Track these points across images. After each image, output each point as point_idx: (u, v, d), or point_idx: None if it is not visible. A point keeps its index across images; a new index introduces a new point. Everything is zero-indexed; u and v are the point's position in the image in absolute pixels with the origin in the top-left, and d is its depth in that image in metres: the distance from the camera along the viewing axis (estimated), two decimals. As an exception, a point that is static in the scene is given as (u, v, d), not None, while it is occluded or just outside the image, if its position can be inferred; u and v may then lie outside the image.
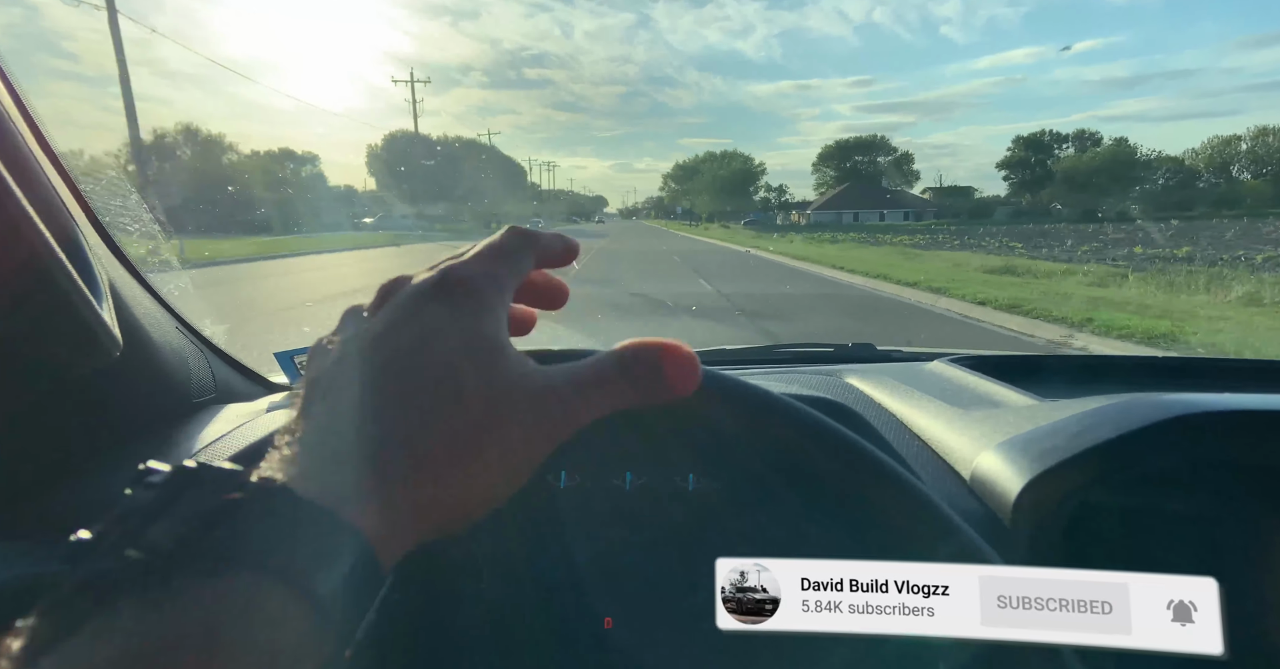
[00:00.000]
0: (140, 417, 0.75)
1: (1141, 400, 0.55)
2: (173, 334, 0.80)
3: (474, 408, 0.28)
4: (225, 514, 0.23)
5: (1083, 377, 1.04)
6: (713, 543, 0.66)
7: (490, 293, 0.32)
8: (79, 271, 0.52)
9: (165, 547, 0.22)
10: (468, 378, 0.29)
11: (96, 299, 0.54)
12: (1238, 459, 0.53)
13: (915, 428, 0.73)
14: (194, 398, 0.82)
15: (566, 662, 0.63)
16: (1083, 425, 0.55)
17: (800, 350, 1.23)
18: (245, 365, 0.96)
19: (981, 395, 0.80)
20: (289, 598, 0.22)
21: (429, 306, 0.30)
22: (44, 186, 0.58)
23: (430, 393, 0.28)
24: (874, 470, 0.30)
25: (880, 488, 0.30)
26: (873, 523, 0.38)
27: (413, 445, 0.27)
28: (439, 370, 0.29)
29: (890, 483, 0.30)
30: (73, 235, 0.59)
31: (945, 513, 0.30)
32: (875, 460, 0.31)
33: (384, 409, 0.28)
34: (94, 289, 0.55)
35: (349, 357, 0.30)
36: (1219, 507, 0.54)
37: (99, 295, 0.55)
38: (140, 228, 0.76)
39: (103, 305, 0.55)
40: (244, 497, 0.24)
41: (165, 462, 0.24)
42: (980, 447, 0.63)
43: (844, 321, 7.75)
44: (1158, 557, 0.56)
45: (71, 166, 0.68)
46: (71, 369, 0.56)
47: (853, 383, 0.89)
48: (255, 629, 0.21)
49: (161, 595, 0.21)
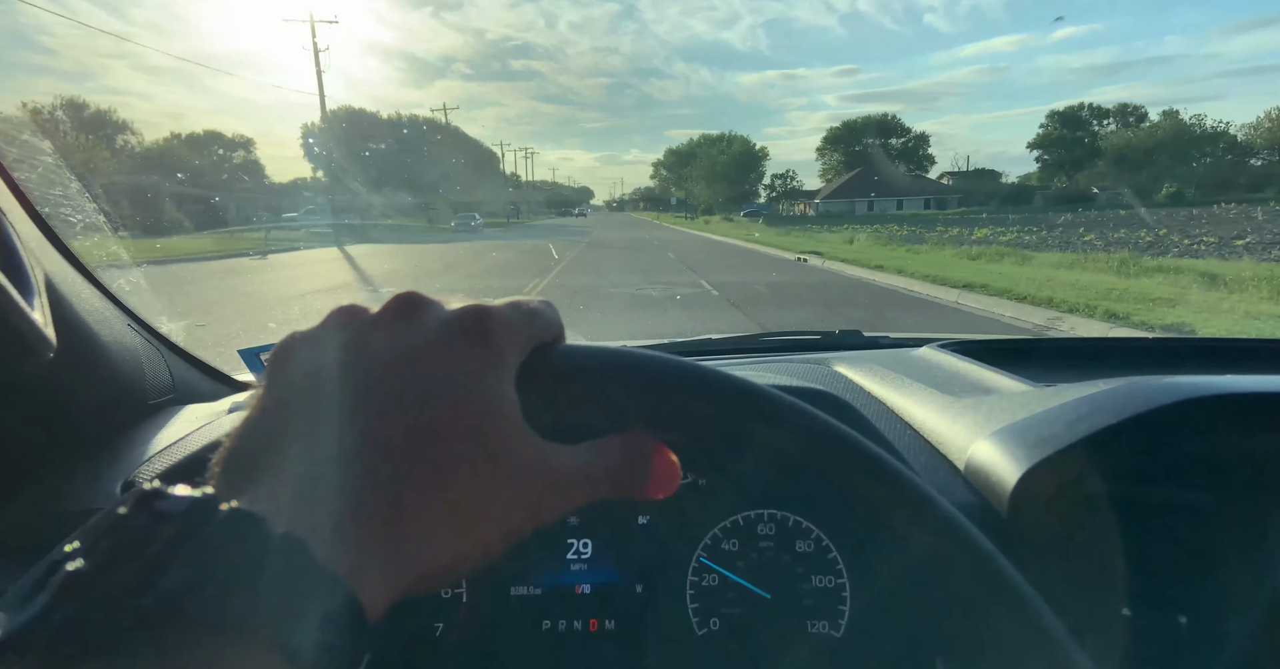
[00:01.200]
0: (92, 421, 0.70)
1: (1140, 384, 0.54)
2: (124, 332, 0.75)
3: (483, 473, 0.26)
4: (234, 563, 0.20)
5: (1075, 360, 1.03)
6: (694, 540, 0.64)
7: (520, 348, 0.30)
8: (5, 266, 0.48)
9: (176, 598, 0.19)
10: (485, 440, 0.27)
11: (26, 296, 0.50)
12: (1239, 445, 0.51)
13: (906, 416, 0.71)
14: (150, 399, 0.78)
15: (547, 662, 0.62)
16: (1079, 412, 0.53)
17: (787, 339, 1.21)
18: (206, 363, 0.92)
19: (973, 382, 0.79)
20: (275, 661, 0.20)
21: (459, 344, 0.28)
22: None
23: (443, 443, 0.26)
24: (870, 467, 0.30)
25: (877, 485, 0.29)
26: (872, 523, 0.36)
27: (409, 492, 0.25)
28: (455, 420, 0.26)
29: (889, 481, 0.30)
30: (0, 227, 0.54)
31: (946, 510, 0.30)
32: (874, 457, 0.31)
33: (385, 445, 0.25)
34: (22, 285, 0.50)
35: (352, 368, 0.27)
36: (1219, 494, 0.52)
37: (29, 292, 0.51)
38: (84, 219, 0.71)
39: (33, 303, 0.51)
40: (245, 543, 0.21)
41: (118, 468, 0.24)
42: (974, 435, 0.61)
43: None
44: (1159, 548, 0.54)
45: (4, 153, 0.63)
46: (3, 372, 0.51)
47: (841, 371, 0.87)
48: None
49: (154, 653, 0.18)
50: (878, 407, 0.74)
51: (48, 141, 0.67)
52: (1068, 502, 0.52)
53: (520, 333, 0.30)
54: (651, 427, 0.30)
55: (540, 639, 0.62)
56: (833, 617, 0.62)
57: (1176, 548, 0.53)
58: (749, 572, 0.63)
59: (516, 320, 0.30)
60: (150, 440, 0.70)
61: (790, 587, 0.63)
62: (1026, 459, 0.52)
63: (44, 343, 0.52)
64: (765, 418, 0.31)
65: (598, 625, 0.63)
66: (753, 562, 0.63)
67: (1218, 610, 0.51)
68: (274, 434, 0.26)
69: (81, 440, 0.68)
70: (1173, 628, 0.53)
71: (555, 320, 0.32)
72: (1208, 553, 0.52)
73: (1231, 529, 0.51)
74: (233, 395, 0.90)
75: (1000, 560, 0.28)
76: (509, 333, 0.29)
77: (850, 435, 0.31)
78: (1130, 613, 0.54)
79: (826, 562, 0.63)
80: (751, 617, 0.63)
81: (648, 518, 0.64)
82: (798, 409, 0.31)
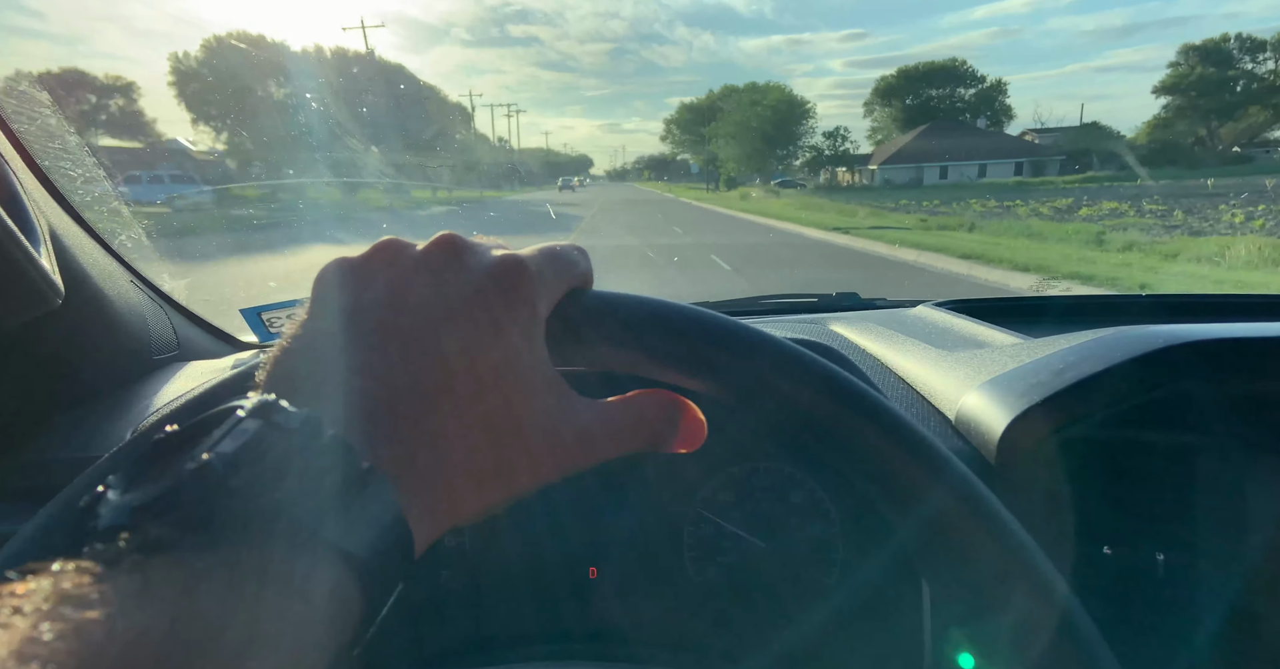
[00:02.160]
0: (96, 373, 0.71)
1: (1125, 333, 0.54)
2: (127, 288, 0.76)
3: (511, 429, 0.27)
4: (325, 480, 0.22)
5: (1069, 316, 1.04)
6: (692, 491, 0.66)
7: (551, 297, 0.31)
8: (9, 212, 0.48)
9: (283, 504, 0.21)
10: (516, 396, 0.28)
11: (33, 244, 0.50)
12: (1221, 389, 0.52)
13: (899, 371, 0.72)
14: (154, 354, 0.79)
15: (550, 611, 0.64)
16: (1066, 361, 0.54)
17: (785, 301, 1.21)
18: (209, 322, 0.92)
19: (966, 337, 0.80)
20: (340, 570, 0.21)
21: (496, 299, 0.29)
22: None
23: (476, 399, 0.27)
24: (870, 412, 0.30)
25: (877, 431, 0.30)
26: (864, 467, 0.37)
27: (442, 442, 0.26)
28: (491, 377, 0.27)
29: (888, 426, 0.30)
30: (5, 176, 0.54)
31: (942, 453, 0.30)
32: (873, 401, 0.31)
33: (420, 395, 0.26)
34: (28, 232, 0.51)
35: (394, 313, 0.28)
36: (1199, 439, 0.54)
37: (35, 239, 0.51)
38: (84, 173, 0.71)
39: (40, 251, 0.51)
40: (313, 452, 0.22)
41: (125, 420, 0.24)
42: (965, 387, 0.62)
43: None
44: (1139, 490, 0.56)
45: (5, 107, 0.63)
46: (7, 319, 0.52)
47: (837, 329, 0.88)
48: (303, 600, 0.20)
49: (215, 561, 0.19)
50: (872, 362, 0.75)
51: (45, 93, 0.67)
52: (1054, 447, 0.54)
53: (553, 282, 0.31)
54: (675, 368, 0.33)
55: (541, 587, 0.64)
56: (826, 565, 0.64)
57: (1156, 489, 0.55)
58: (745, 522, 0.65)
59: (550, 270, 0.31)
60: (156, 393, 0.71)
61: (785, 536, 0.64)
62: (1014, 408, 0.53)
63: (52, 289, 0.53)
64: (779, 368, 0.32)
65: (597, 573, 0.64)
66: (748, 512, 0.65)
67: (1194, 548, 0.53)
68: (317, 362, 0.27)
69: (87, 391, 0.69)
70: (1150, 565, 0.54)
71: (585, 266, 0.33)
72: (1186, 493, 0.53)
73: (1209, 470, 0.53)
74: (235, 353, 0.91)
75: (992, 500, 0.29)
76: (543, 284, 0.30)
77: (858, 385, 0.32)
78: (1110, 551, 0.55)
79: (820, 512, 0.64)
80: (747, 565, 0.64)
81: (647, 470, 0.66)
82: (808, 358, 0.32)
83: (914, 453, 0.29)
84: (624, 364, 0.32)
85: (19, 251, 0.48)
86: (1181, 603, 0.53)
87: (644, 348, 0.31)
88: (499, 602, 0.64)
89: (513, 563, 0.64)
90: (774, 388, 0.31)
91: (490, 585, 0.64)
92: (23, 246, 0.49)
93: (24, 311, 0.52)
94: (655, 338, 0.32)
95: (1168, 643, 0.54)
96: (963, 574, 0.28)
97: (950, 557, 0.28)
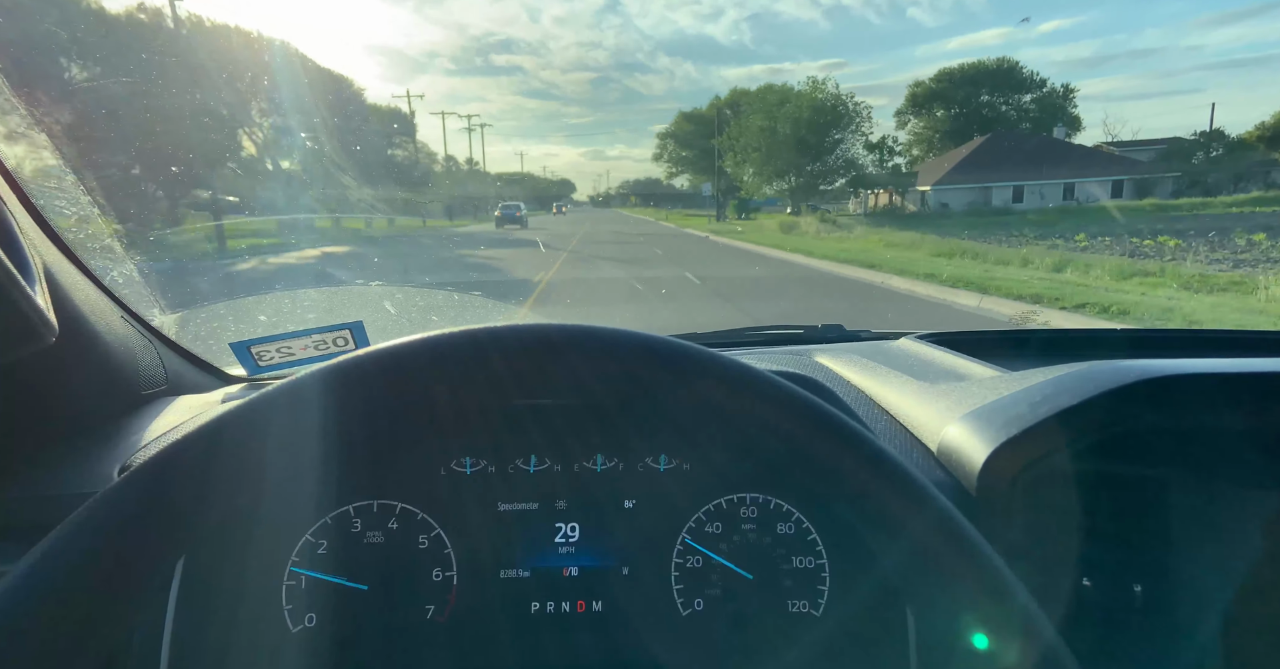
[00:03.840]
0: (85, 409, 0.71)
1: (1100, 367, 0.56)
2: (117, 323, 0.76)
3: None
4: None
5: (1047, 349, 1.06)
6: (679, 523, 0.66)
7: None
8: (6, 252, 0.49)
9: None
10: None
11: (28, 281, 0.51)
12: (1193, 423, 0.54)
13: (883, 402, 0.74)
14: (143, 389, 0.79)
15: (537, 644, 0.63)
16: (1044, 394, 0.56)
17: (770, 333, 1.23)
18: (198, 356, 0.93)
19: (947, 369, 0.81)
20: None
21: None
22: None
23: None
24: (852, 444, 0.30)
25: (858, 462, 0.30)
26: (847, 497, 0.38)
27: None
28: None
29: (869, 456, 0.30)
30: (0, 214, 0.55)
31: (922, 484, 0.30)
32: (853, 433, 0.31)
33: None
34: (24, 271, 0.51)
35: None
36: (1174, 471, 0.55)
37: (30, 278, 0.52)
38: (78, 211, 0.72)
39: (35, 289, 0.52)
40: None
41: (113, 455, 0.25)
42: (946, 419, 0.63)
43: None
44: (1115, 521, 0.57)
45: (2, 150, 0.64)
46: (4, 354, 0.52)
47: (822, 361, 0.90)
48: None
49: None
50: (856, 393, 0.77)
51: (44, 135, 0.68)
52: (1032, 478, 0.55)
53: None
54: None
55: (529, 621, 0.64)
56: (812, 596, 0.64)
57: (1132, 521, 0.56)
58: (732, 553, 0.65)
59: None
60: (145, 428, 0.71)
61: (772, 567, 0.65)
62: (994, 440, 0.55)
63: (47, 327, 0.53)
64: (766, 399, 0.32)
65: (585, 607, 0.64)
66: (735, 544, 0.66)
67: (1170, 578, 0.54)
68: None
69: (76, 427, 0.69)
70: (1128, 597, 0.55)
71: None
72: (1160, 525, 0.55)
73: (1182, 502, 0.54)
74: (224, 387, 0.91)
75: (969, 529, 0.30)
76: None
77: (832, 412, 0.32)
78: (1089, 583, 0.56)
79: (806, 543, 0.65)
80: (734, 597, 0.65)
81: (634, 502, 0.66)
82: (790, 389, 0.32)
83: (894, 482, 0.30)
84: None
85: (16, 291, 0.49)
86: (1160, 633, 0.54)
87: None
88: (485, 635, 0.63)
89: (499, 598, 0.64)
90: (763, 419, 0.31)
91: (476, 622, 0.63)
92: (20, 285, 0.49)
93: (19, 348, 0.52)
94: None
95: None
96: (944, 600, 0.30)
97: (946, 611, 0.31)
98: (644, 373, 0.35)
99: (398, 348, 0.40)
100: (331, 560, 0.62)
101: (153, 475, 0.36)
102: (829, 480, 0.30)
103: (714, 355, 0.32)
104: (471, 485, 0.64)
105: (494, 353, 0.39)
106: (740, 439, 0.47)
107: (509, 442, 0.65)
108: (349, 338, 0.89)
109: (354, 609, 0.61)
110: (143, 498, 0.35)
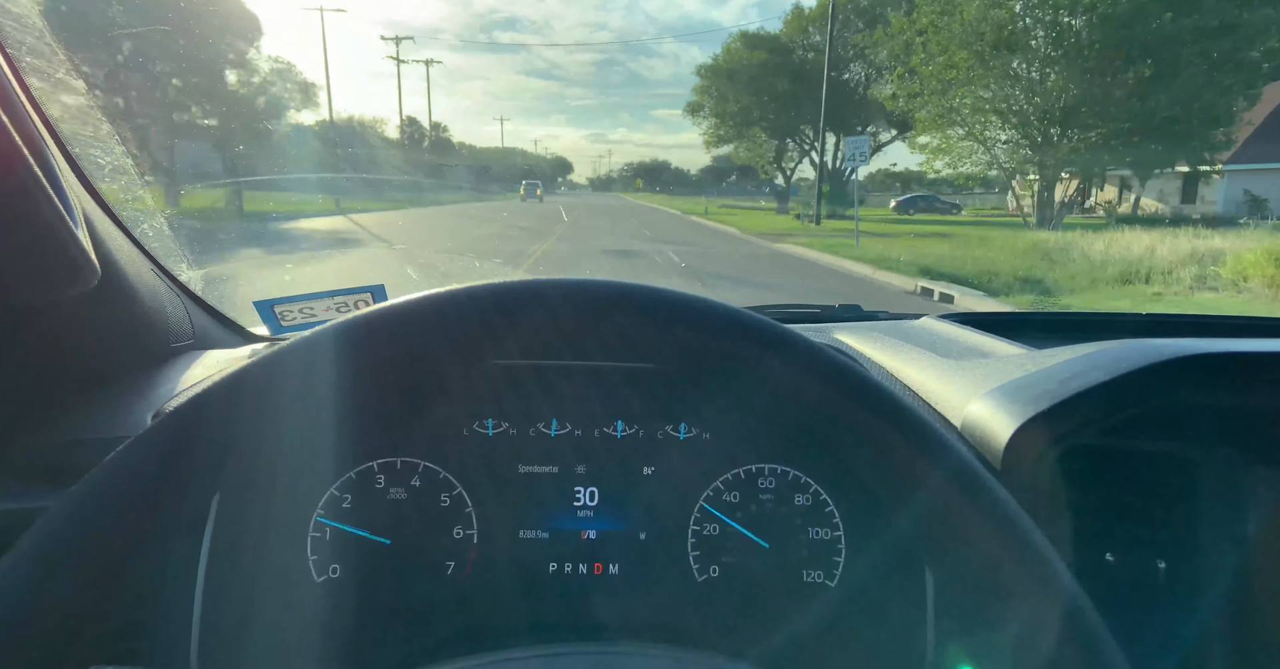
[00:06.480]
0: (117, 358, 0.72)
1: (1130, 345, 0.56)
2: (148, 276, 0.77)
3: None
4: None
5: (1071, 331, 1.05)
6: (697, 491, 0.66)
7: None
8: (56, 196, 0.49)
9: None
10: None
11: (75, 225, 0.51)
12: (1222, 401, 0.53)
13: (905, 379, 0.73)
14: (172, 342, 0.80)
15: (552, 606, 0.64)
16: (1074, 370, 0.55)
17: (788, 311, 1.23)
18: (223, 314, 0.94)
19: (971, 347, 0.81)
20: None
21: None
22: (16, 107, 0.55)
23: None
24: (871, 395, 0.31)
25: (877, 413, 0.30)
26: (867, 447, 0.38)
27: None
28: None
29: (889, 408, 0.30)
30: (46, 158, 0.55)
31: (941, 435, 0.30)
32: (874, 386, 0.31)
33: None
34: (71, 215, 0.52)
35: None
36: (1200, 449, 0.55)
37: (75, 222, 0.53)
38: (112, 162, 0.72)
39: (79, 232, 0.53)
40: None
41: (146, 403, 0.26)
42: (970, 395, 0.63)
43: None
44: (1142, 499, 0.57)
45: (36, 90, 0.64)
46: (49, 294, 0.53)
47: (842, 338, 0.89)
48: None
49: None
50: (877, 369, 0.76)
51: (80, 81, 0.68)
52: (1058, 455, 0.55)
53: None
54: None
55: (546, 581, 0.65)
56: (828, 567, 0.65)
57: (1157, 497, 0.56)
58: (749, 522, 0.66)
59: None
60: (176, 379, 0.72)
61: (788, 537, 0.65)
62: (1020, 415, 0.54)
63: (91, 269, 0.54)
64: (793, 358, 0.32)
65: (602, 569, 0.65)
66: (752, 513, 0.66)
67: (1194, 555, 0.54)
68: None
69: (108, 375, 0.70)
70: (1152, 572, 0.55)
71: None
72: (1186, 502, 0.54)
73: (1208, 479, 0.54)
74: (249, 344, 0.92)
75: (988, 479, 0.30)
76: None
77: (850, 365, 0.32)
78: (1113, 558, 0.56)
79: (824, 515, 0.65)
80: (750, 565, 0.65)
81: (653, 469, 0.67)
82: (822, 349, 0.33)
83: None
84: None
85: (65, 231, 0.50)
86: (1182, 609, 0.54)
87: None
88: (502, 596, 0.64)
89: (517, 558, 0.65)
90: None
91: (494, 580, 0.64)
92: (69, 226, 0.50)
93: (63, 288, 0.53)
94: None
95: (1168, 648, 0.54)
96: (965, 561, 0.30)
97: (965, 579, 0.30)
98: (680, 330, 0.35)
99: (405, 305, 0.41)
100: (356, 514, 0.63)
101: (187, 417, 0.38)
102: (849, 434, 0.30)
103: (757, 318, 0.32)
104: (493, 447, 0.65)
105: (493, 311, 0.40)
106: (766, 403, 0.47)
107: (531, 405, 0.65)
108: (370, 301, 0.89)
109: (376, 562, 0.62)
110: (179, 439, 0.38)
